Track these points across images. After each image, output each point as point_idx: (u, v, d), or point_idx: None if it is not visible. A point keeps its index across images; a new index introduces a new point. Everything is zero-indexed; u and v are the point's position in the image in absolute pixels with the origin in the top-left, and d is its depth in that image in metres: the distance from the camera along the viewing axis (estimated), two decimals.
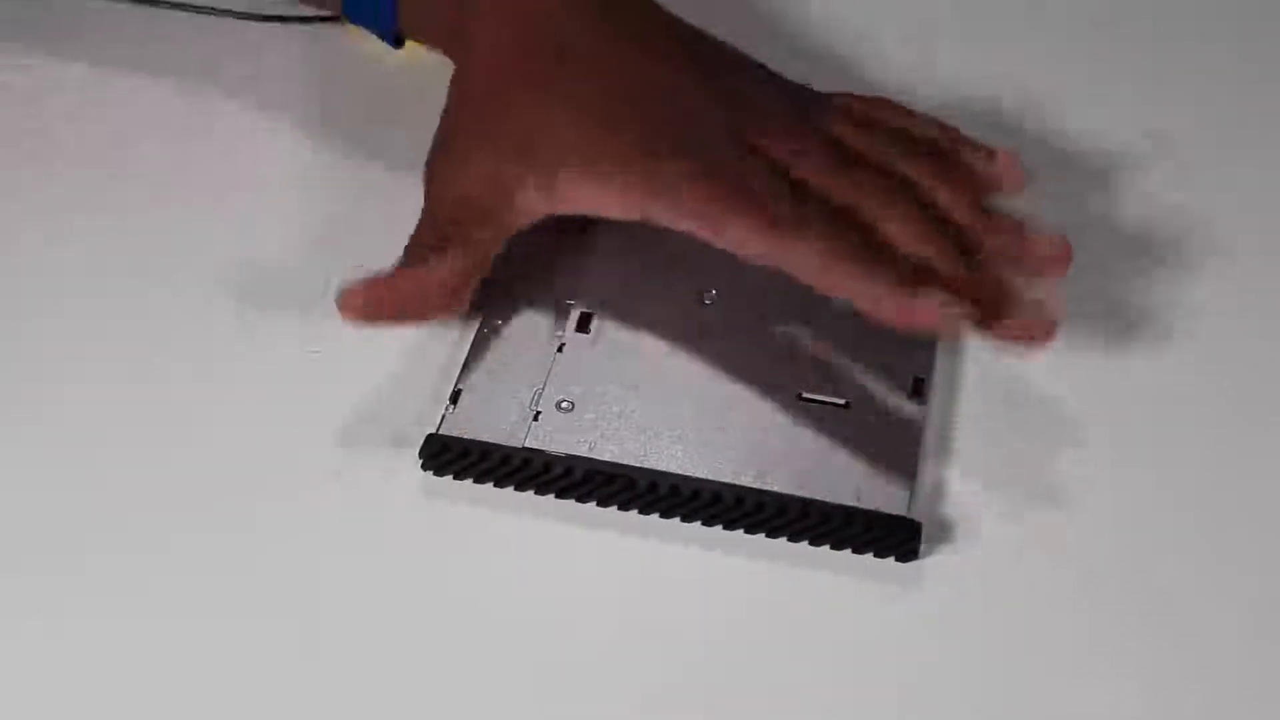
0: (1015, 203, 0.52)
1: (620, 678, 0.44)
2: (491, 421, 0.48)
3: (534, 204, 0.49)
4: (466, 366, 0.50)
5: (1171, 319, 0.53)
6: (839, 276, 0.47)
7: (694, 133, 0.49)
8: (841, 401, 0.48)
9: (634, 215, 0.48)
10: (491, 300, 0.51)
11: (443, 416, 0.48)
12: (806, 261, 0.47)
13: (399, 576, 0.46)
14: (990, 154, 0.52)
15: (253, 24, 0.64)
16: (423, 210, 0.50)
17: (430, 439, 0.47)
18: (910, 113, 0.53)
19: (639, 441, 0.47)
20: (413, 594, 0.46)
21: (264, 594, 0.46)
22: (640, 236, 0.50)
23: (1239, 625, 0.46)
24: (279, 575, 0.46)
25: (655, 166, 0.48)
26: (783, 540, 0.46)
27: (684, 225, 0.48)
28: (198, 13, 0.64)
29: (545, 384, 0.49)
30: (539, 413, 0.48)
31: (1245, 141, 0.60)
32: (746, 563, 0.46)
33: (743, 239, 0.47)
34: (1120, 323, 0.53)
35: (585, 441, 0.47)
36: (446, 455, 0.47)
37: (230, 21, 0.64)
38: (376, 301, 0.48)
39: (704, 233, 0.48)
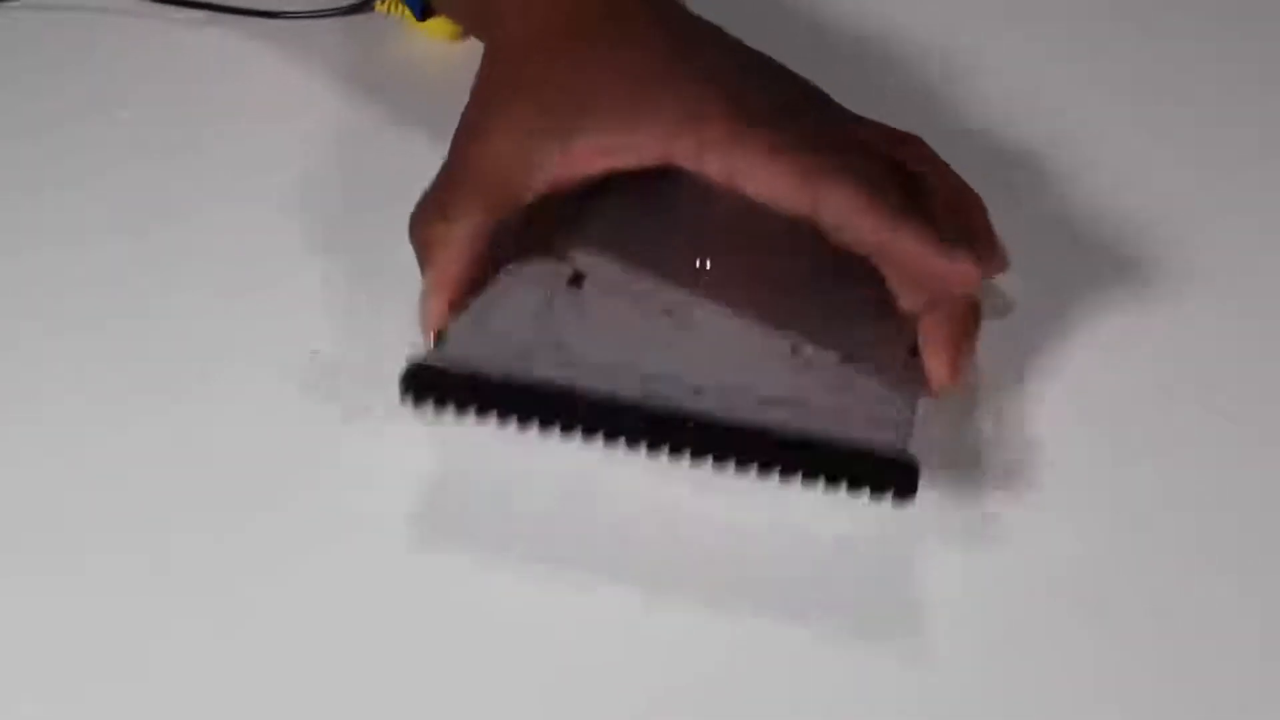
0: None
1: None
2: (476, 355, 0.46)
3: (551, 163, 0.48)
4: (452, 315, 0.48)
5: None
6: (878, 221, 0.45)
7: (731, 82, 0.48)
8: (839, 355, 0.47)
9: (655, 154, 0.47)
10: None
11: (425, 352, 0.46)
12: (846, 203, 0.45)
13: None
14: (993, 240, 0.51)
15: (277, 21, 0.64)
16: (439, 172, 0.49)
17: (412, 368, 0.45)
18: (939, 161, 0.52)
19: (630, 379, 0.45)
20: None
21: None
22: (635, 208, 0.49)
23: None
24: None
25: (682, 105, 0.47)
26: (774, 480, 0.44)
27: (711, 163, 0.46)
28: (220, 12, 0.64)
29: (534, 327, 0.47)
30: (528, 349, 0.46)
31: (1209, 154, 0.60)
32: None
33: (773, 178, 0.45)
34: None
35: (572, 377, 0.45)
36: (427, 383, 0.45)
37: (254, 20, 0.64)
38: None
39: (734, 170, 0.46)
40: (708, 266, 0.49)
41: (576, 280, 0.48)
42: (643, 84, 0.47)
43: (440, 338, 0.47)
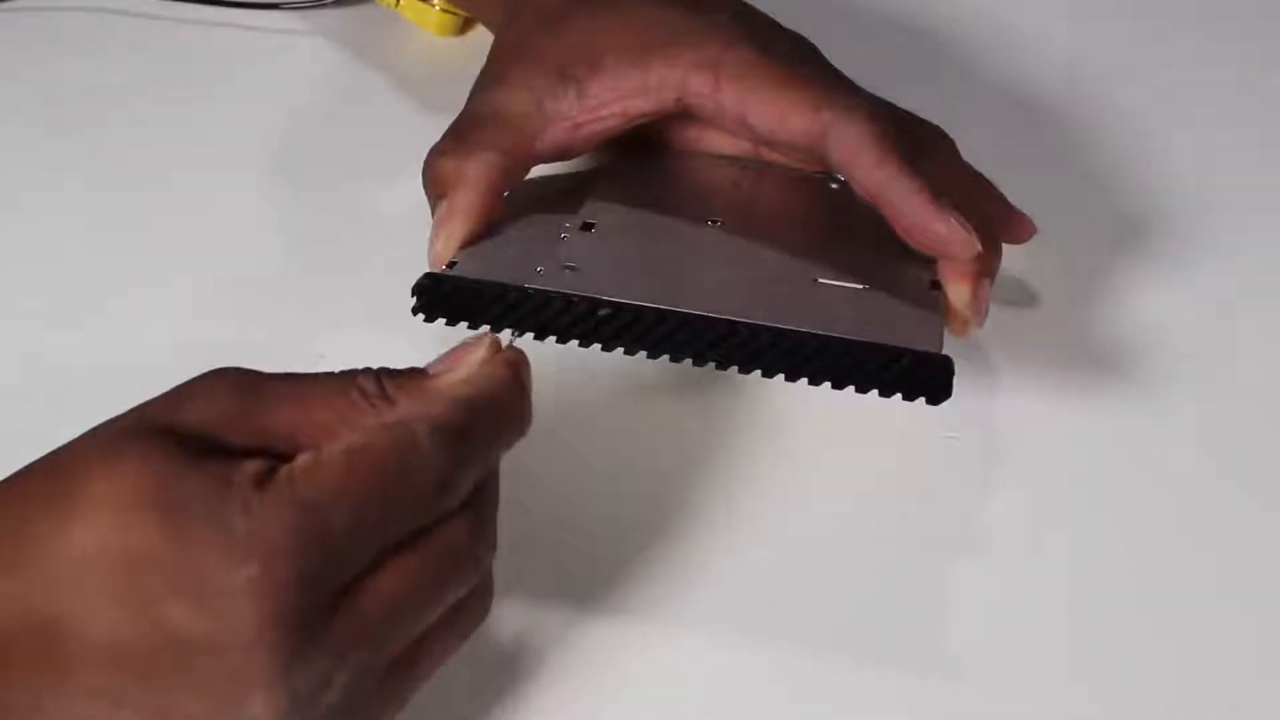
0: None
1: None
2: (492, 269, 0.44)
3: (569, 108, 0.47)
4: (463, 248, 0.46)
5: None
6: (882, 157, 0.44)
7: (743, 26, 0.47)
8: (860, 286, 0.45)
9: (670, 92, 0.46)
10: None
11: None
12: (855, 137, 0.44)
13: None
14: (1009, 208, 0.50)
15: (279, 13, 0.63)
16: (456, 118, 0.48)
17: (425, 278, 0.43)
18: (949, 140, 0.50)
19: (648, 287, 0.43)
20: None
21: None
22: (642, 183, 0.48)
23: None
24: None
25: (697, 46, 0.46)
26: (804, 384, 0.42)
27: (727, 94, 0.46)
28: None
29: (545, 255, 0.45)
30: (541, 270, 0.44)
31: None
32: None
33: (787, 106, 0.45)
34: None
35: (591, 287, 0.43)
36: (440, 296, 0.43)
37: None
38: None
39: (749, 100, 0.45)
40: (720, 224, 0.48)
41: (587, 228, 0.47)
42: (656, 32, 0.47)
43: (449, 269, 0.45)
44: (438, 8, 0.62)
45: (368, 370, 0.38)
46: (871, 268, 0.45)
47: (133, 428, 0.36)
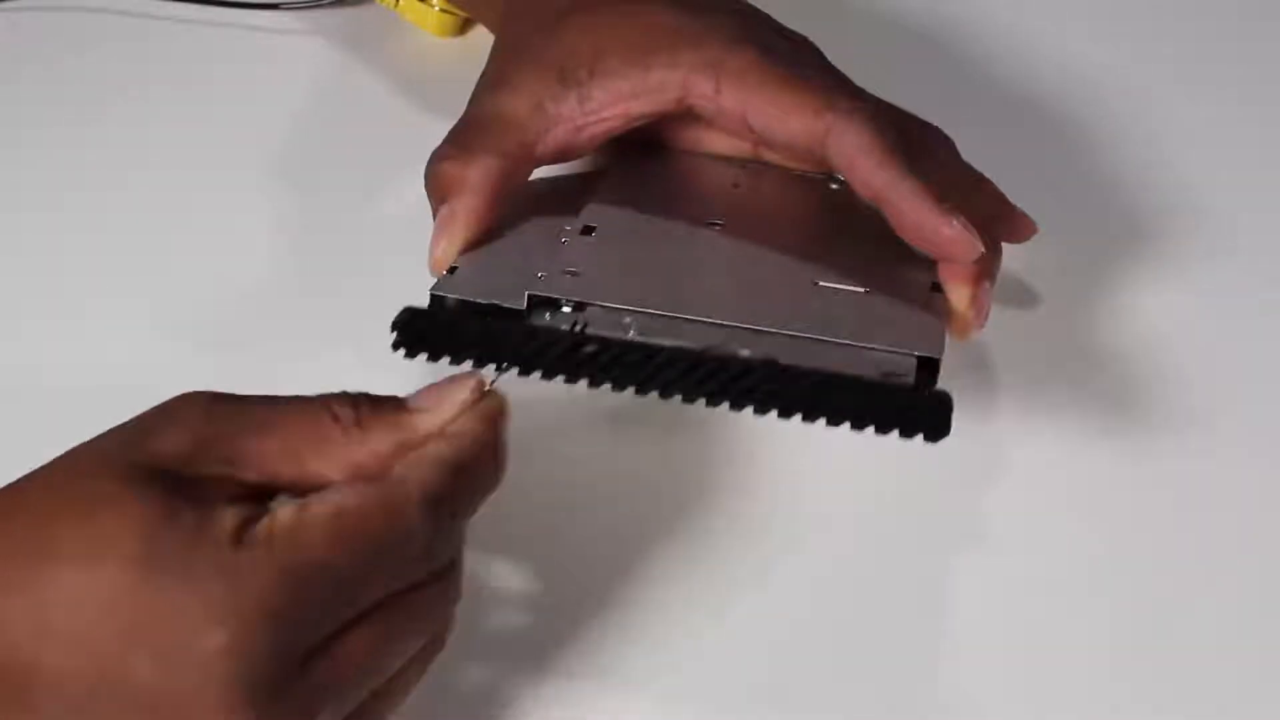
0: None
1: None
2: (490, 280, 0.43)
3: (570, 111, 0.47)
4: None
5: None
6: (885, 159, 0.44)
7: (744, 28, 0.47)
8: (860, 289, 0.44)
9: (672, 94, 0.46)
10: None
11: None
12: (857, 139, 0.44)
13: None
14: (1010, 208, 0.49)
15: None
16: (458, 121, 0.48)
17: (405, 312, 0.41)
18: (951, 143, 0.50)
19: (648, 292, 0.42)
20: None
21: None
22: (642, 186, 0.48)
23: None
24: None
25: (699, 47, 0.46)
26: (797, 420, 0.40)
27: (728, 96, 0.45)
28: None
29: (548, 258, 0.44)
30: (541, 275, 0.43)
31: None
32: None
33: (789, 108, 0.45)
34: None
35: (591, 293, 0.42)
36: (420, 331, 0.41)
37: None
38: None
39: (751, 101, 0.45)
40: (719, 226, 0.47)
41: (587, 232, 0.46)
42: (656, 33, 0.47)
43: (450, 275, 0.45)
44: (437, 8, 0.62)
45: (343, 395, 0.38)
46: (872, 270, 0.45)
47: (109, 463, 0.35)
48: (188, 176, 0.57)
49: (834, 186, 0.49)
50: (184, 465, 0.36)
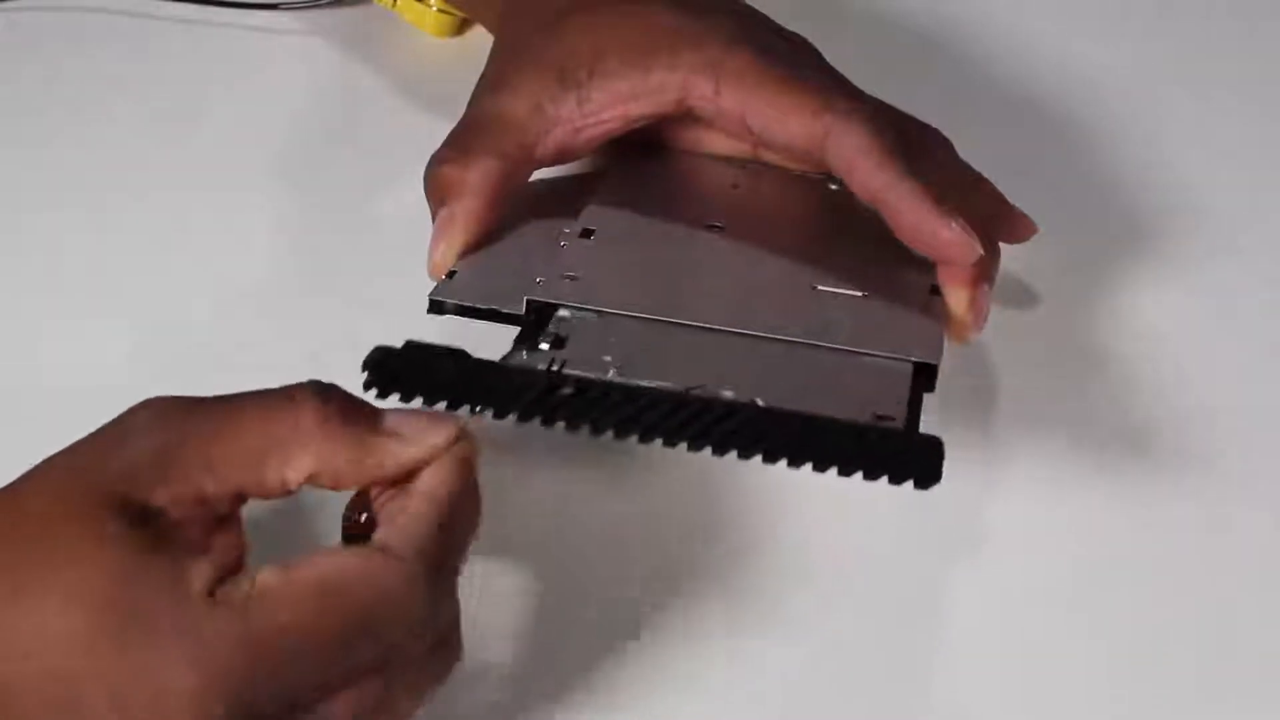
0: None
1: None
2: (489, 285, 0.43)
3: (569, 113, 0.47)
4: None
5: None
6: (883, 161, 0.44)
7: (743, 29, 0.47)
8: (859, 292, 0.44)
9: (672, 95, 0.46)
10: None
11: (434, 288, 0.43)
12: (856, 141, 0.44)
13: None
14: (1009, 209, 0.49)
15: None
16: (457, 123, 0.48)
17: (376, 351, 0.40)
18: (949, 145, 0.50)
19: (646, 296, 0.43)
20: None
21: None
22: (644, 171, 0.48)
23: None
24: None
25: (698, 48, 0.46)
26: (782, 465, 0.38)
27: (728, 97, 0.45)
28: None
29: (547, 262, 0.44)
30: (540, 280, 0.43)
31: None
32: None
33: (788, 109, 0.45)
34: None
35: (590, 298, 0.42)
36: (393, 372, 0.40)
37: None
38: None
39: (750, 103, 0.45)
40: (718, 228, 0.47)
41: (586, 235, 0.47)
42: (656, 34, 0.46)
43: (449, 279, 0.45)
44: (434, 8, 0.62)
45: (311, 385, 0.37)
46: (871, 272, 0.45)
47: (81, 488, 0.35)
48: (187, 177, 0.57)
49: (833, 187, 0.49)
50: (149, 488, 0.35)
